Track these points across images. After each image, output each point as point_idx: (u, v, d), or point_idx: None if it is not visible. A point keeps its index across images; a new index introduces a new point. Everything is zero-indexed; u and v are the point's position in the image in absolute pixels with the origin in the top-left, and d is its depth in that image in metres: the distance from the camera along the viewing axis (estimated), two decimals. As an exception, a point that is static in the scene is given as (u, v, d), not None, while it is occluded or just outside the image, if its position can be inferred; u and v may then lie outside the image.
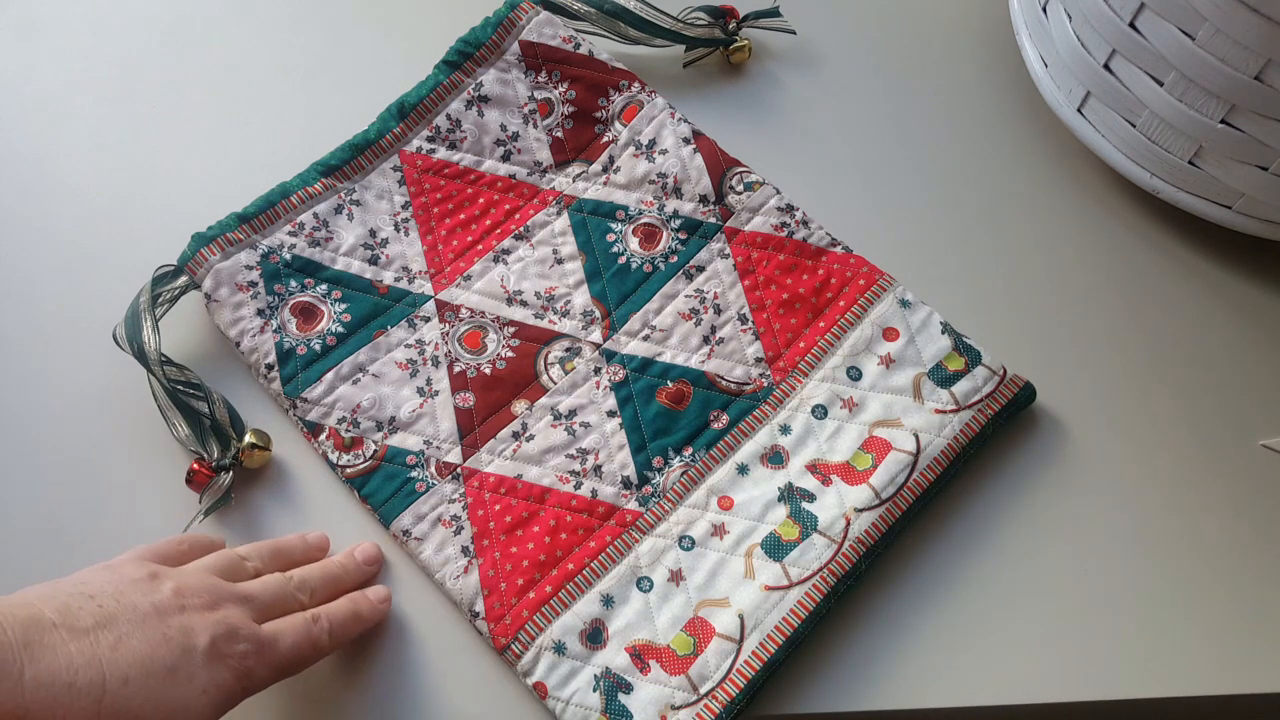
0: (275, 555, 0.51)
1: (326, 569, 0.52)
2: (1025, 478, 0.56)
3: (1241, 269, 0.62)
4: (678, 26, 0.66)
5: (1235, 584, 0.54)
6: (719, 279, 0.60)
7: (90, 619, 0.42)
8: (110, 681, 0.40)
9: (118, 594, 0.44)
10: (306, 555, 0.53)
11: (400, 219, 0.61)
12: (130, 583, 0.44)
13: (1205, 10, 0.52)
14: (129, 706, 0.41)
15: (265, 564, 0.51)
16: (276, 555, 0.52)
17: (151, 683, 0.41)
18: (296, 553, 0.52)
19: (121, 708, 0.40)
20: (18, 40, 0.69)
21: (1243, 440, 0.57)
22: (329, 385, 0.57)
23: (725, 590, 0.52)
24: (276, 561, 0.51)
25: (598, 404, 0.57)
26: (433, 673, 0.52)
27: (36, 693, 0.39)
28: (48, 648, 0.40)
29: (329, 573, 0.52)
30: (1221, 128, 0.55)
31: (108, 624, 0.42)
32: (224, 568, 0.49)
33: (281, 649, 0.46)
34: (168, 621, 0.43)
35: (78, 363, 0.59)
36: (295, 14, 0.71)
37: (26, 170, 0.65)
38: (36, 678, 0.39)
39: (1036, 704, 0.51)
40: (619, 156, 0.63)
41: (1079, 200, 0.64)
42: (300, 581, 0.50)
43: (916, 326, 0.57)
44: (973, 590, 0.53)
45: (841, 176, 0.65)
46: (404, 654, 0.52)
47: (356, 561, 0.53)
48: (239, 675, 0.44)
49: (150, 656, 0.42)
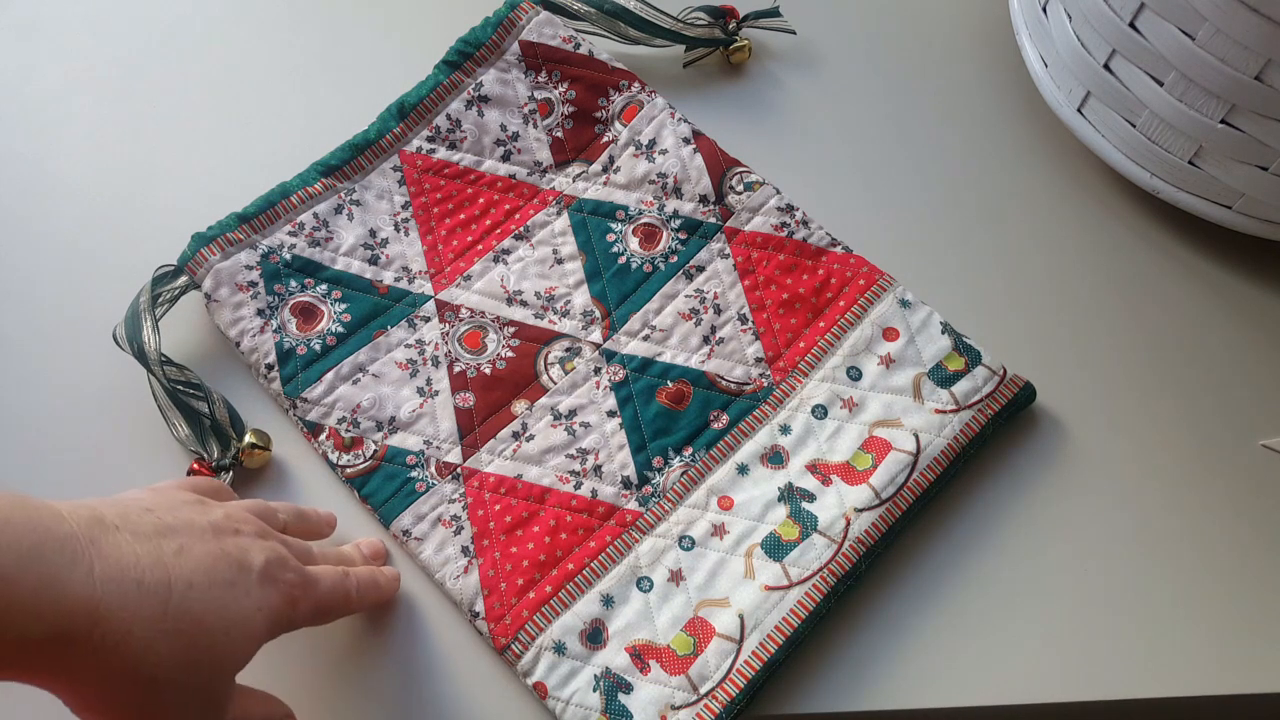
0: (301, 517, 0.52)
1: (339, 551, 0.53)
2: (1025, 478, 0.56)
3: (1241, 269, 0.62)
4: (678, 26, 0.66)
5: (1235, 584, 0.54)
6: (719, 279, 0.60)
7: (150, 527, 0.42)
8: (176, 584, 0.40)
9: (173, 509, 0.44)
10: (319, 526, 0.53)
11: (400, 219, 0.61)
12: (183, 502, 0.45)
13: (1205, 10, 0.52)
14: (193, 610, 0.41)
15: (293, 521, 0.51)
16: (302, 518, 0.52)
17: (214, 591, 0.42)
18: (313, 522, 0.53)
19: (186, 611, 0.40)
20: (18, 40, 0.69)
21: (1243, 440, 0.57)
22: (329, 385, 0.57)
23: (725, 590, 0.52)
24: (301, 523, 0.52)
25: (598, 404, 0.57)
26: (433, 673, 0.52)
27: (106, 587, 0.38)
28: (114, 546, 0.40)
29: (341, 552, 0.53)
30: (1221, 128, 0.55)
31: (168, 533, 0.42)
32: (261, 512, 0.49)
33: (322, 589, 0.47)
34: (224, 540, 0.44)
35: (78, 363, 0.59)
36: (295, 14, 0.71)
37: (26, 170, 0.65)
38: (106, 572, 0.39)
39: (1036, 704, 0.51)
40: (619, 156, 0.63)
41: (1079, 200, 0.64)
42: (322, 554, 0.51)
43: (916, 326, 0.57)
44: (973, 590, 0.53)
45: (841, 176, 0.65)
46: (404, 654, 0.52)
47: (363, 554, 0.53)
48: (288, 601, 0.45)
49: (212, 567, 0.42)
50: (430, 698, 0.51)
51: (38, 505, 0.39)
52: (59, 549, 0.38)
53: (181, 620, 0.40)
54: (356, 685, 0.51)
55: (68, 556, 0.38)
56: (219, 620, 0.42)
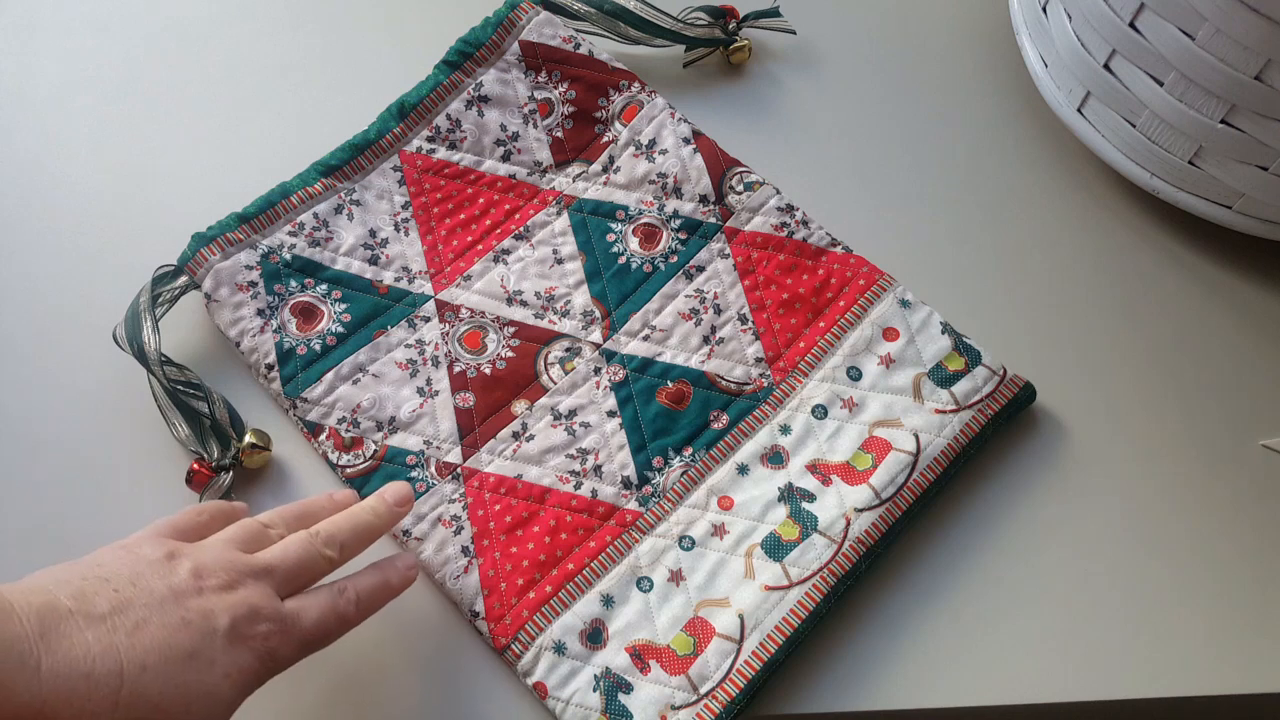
0: (301, 519, 0.49)
1: (355, 517, 0.49)
2: (1025, 478, 0.56)
3: (1241, 269, 0.62)
4: (678, 26, 0.66)
5: (1235, 584, 0.54)
6: (719, 279, 0.60)
7: (106, 604, 0.41)
8: (128, 670, 0.39)
9: (134, 577, 0.42)
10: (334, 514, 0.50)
11: (400, 219, 0.61)
12: (147, 564, 0.43)
13: (1205, 10, 0.52)
14: (148, 694, 0.40)
15: (289, 530, 0.48)
16: (302, 519, 0.49)
17: (170, 669, 0.40)
18: (323, 513, 0.50)
19: (140, 696, 0.39)
20: (18, 40, 0.69)
21: (1243, 440, 0.57)
22: (329, 385, 0.57)
23: (725, 590, 0.52)
24: (301, 525, 0.49)
25: (598, 404, 0.57)
26: (432, 673, 0.52)
27: (54, 684, 0.38)
28: (64, 636, 0.39)
29: (358, 522, 0.49)
30: (1221, 128, 0.55)
31: (124, 609, 0.41)
32: (246, 538, 0.46)
33: (305, 625, 0.45)
34: (186, 605, 0.42)
35: (78, 363, 0.59)
36: (295, 14, 0.71)
37: (27, 170, 0.65)
38: (54, 669, 0.38)
39: (1036, 704, 0.51)
40: (619, 156, 0.63)
41: (1079, 200, 0.64)
42: (327, 537, 0.47)
43: (916, 326, 0.57)
44: (973, 590, 0.53)
45: (841, 176, 0.65)
46: (403, 654, 0.52)
47: (388, 504, 0.50)
48: (262, 656, 0.43)
49: (168, 642, 0.41)
50: (430, 698, 0.51)
51: None
52: (6, 651, 0.37)
53: (135, 708, 0.39)
54: (355, 685, 0.51)
55: (15, 659, 0.37)
56: (179, 698, 0.40)
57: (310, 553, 0.47)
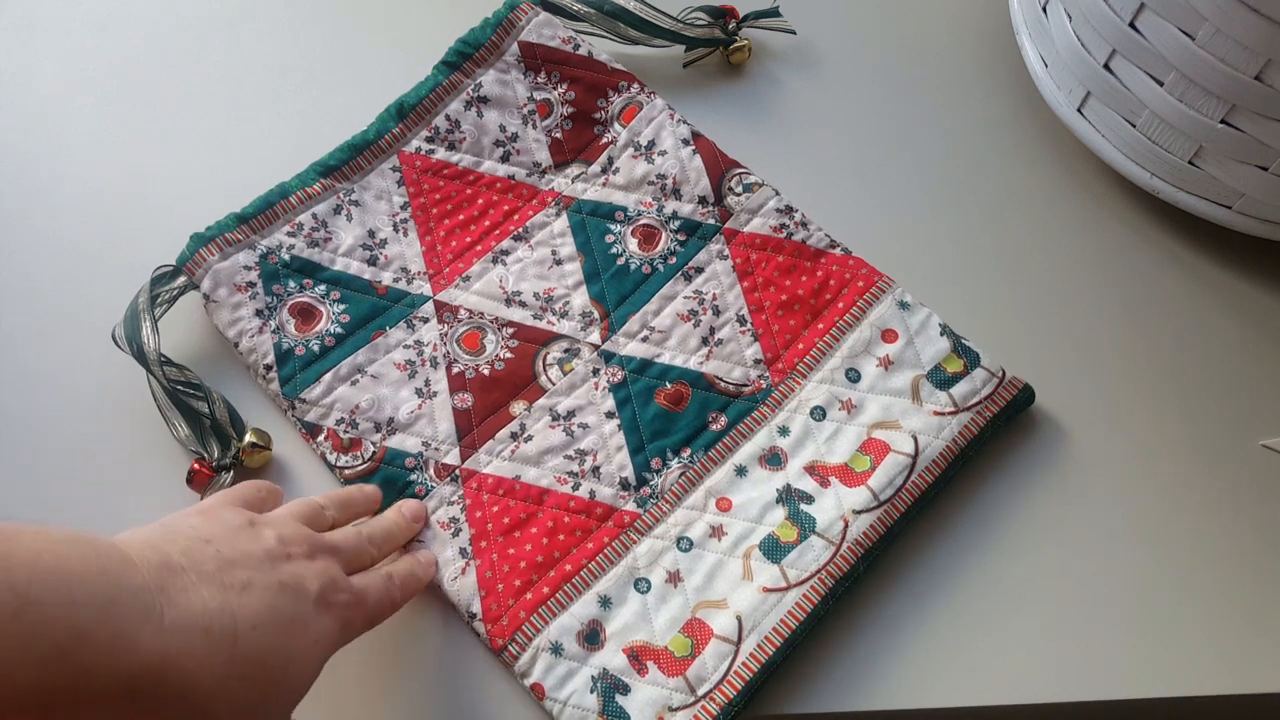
0: (346, 506, 0.51)
1: (386, 524, 0.52)
2: (1024, 479, 0.56)
3: (1241, 269, 0.62)
4: (677, 27, 0.66)
5: (1235, 584, 0.54)
6: (718, 280, 0.60)
7: (213, 564, 0.41)
8: (240, 628, 0.40)
9: (230, 539, 0.43)
10: (367, 506, 0.53)
11: (399, 220, 0.61)
12: (235, 529, 0.44)
13: (1205, 10, 0.52)
14: (256, 652, 0.40)
15: (340, 514, 0.51)
16: (347, 506, 0.52)
17: (277, 629, 0.41)
18: (360, 505, 0.53)
19: (249, 654, 0.40)
20: (18, 40, 0.69)
21: (1243, 440, 0.57)
22: (327, 386, 0.57)
23: (723, 592, 0.52)
24: (347, 512, 0.51)
25: (596, 405, 0.57)
26: (430, 673, 0.52)
27: (176, 638, 0.38)
28: (182, 591, 0.39)
29: (388, 527, 0.52)
30: (1221, 128, 0.55)
31: (229, 569, 0.41)
32: (309, 516, 0.48)
33: (371, 602, 0.46)
34: (280, 569, 0.43)
35: (78, 363, 0.59)
36: (295, 14, 0.71)
37: (27, 170, 0.65)
38: (176, 621, 0.38)
39: (1036, 704, 0.51)
40: (618, 158, 0.63)
41: (1079, 200, 0.64)
42: (370, 534, 0.50)
43: (915, 328, 0.57)
44: (972, 590, 0.53)
45: (841, 177, 0.65)
46: (402, 654, 0.52)
47: (405, 519, 0.53)
48: (343, 625, 0.44)
49: (272, 604, 0.41)
50: (427, 698, 0.51)
51: (107, 550, 0.39)
52: (132, 601, 0.37)
53: (246, 664, 0.40)
54: (354, 686, 0.51)
55: (140, 610, 0.37)
56: (280, 659, 0.41)
57: (360, 544, 0.49)
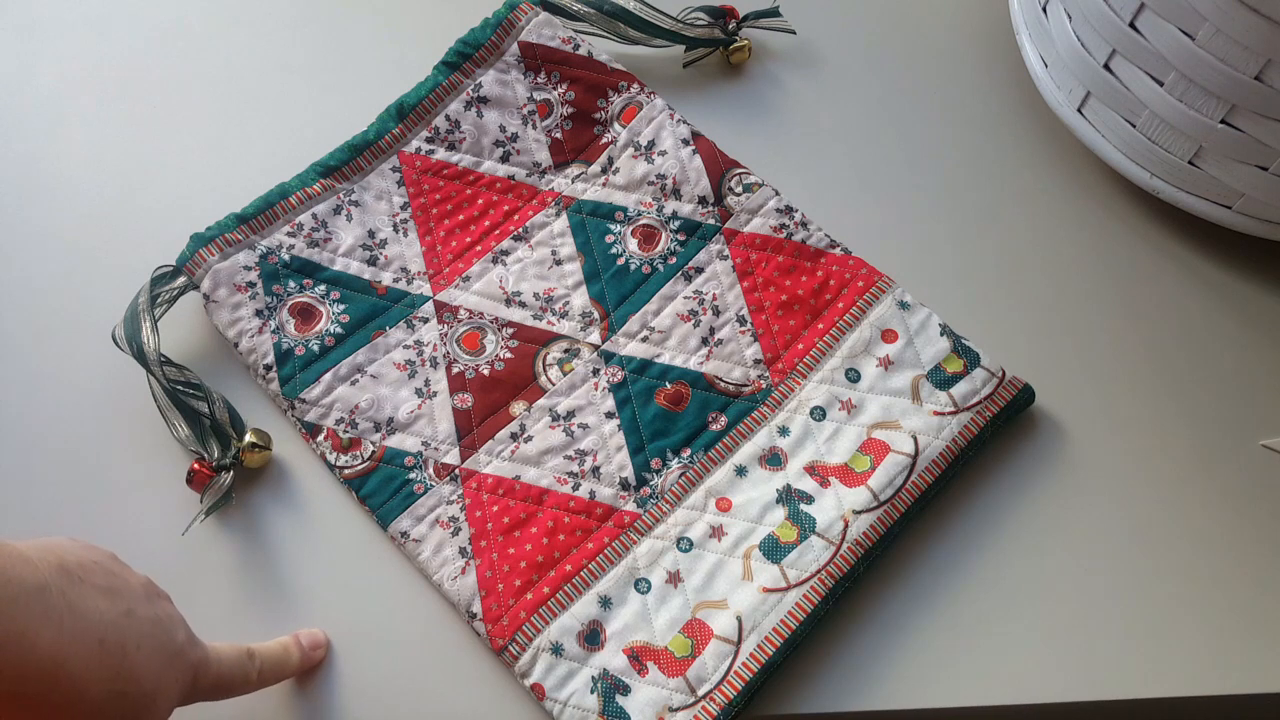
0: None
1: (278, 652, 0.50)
2: (1024, 479, 0.56)
3: (1241, 269, 0.62)
4: (677, 27, 0.66)
5: (1235, 584, 0.54)
6: (718, 280, 0.60)
7: (104, 581, 0.41)
8: (128, 647, 0.40)
9: (109, 566, 0.42)
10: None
11: (399, 220, 0.61)
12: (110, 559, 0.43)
13: (1205, 10, 0.52)
14: (138, 673, 0.40)
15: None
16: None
17: (158, 658, 0.41)
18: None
19: (132, 674, 0.40)
20: (18, 40, 0.69)
21: (1243, 440, 0.57)
22: (327, 386, 0.57)
23: (723, 592, 0.52)
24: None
25: (596, 405, 0.57)
26: (430, 673, 0.52)
27: (72, 646, 0.38)
28: (81, 599, 0.39)
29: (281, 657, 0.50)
30: (1221, 128, 0.55)
31: (118, 591, 0.41)
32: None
33: (215, 671, 0.45)
34: (155, 604, 0.43)
35: (78, 363, 0.59)
36: (295, 14, 0.71)
37: (26, 170, 0.65)
38: (74, 628, 0.38)
39: (1036, 704, 0.51)
40: (618, 158, 0.63)
41: (1079, 200, 0.64)
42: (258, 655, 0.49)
43: (915, 328, 0.57)
44: (972, 590, 0.53)
45: (841, 177, 0.65)
46: (402, 655, 0.52)
47: (303, 647, 0.51)
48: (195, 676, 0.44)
49: (154, 634, 0.41)
50: (427, 698, 0.51)
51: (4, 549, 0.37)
52: (31, 600, 0.37)
53: (129, 683, 0.40)
54: (355, 686, 0.51)
55: (40, 610, 0.37)
56: (154, 685, 0.41)
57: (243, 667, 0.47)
